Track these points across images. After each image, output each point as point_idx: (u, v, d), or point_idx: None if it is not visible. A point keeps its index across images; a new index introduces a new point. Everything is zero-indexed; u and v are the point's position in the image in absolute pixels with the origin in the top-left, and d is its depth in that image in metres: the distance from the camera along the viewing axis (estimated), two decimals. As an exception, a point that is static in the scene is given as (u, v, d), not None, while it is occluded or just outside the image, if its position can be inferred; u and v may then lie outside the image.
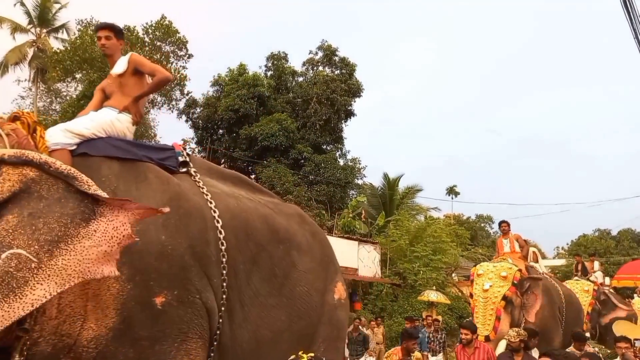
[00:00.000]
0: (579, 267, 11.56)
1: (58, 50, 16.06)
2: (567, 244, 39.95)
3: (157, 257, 2.65)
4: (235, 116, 22.56)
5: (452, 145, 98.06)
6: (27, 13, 20.89)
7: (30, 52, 21.23)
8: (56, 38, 21.86)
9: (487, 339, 6.40)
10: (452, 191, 42.43)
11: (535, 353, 5.72)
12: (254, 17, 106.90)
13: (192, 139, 24.86)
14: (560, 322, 7.71)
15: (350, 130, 35.07)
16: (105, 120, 2.97)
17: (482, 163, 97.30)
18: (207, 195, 3.01)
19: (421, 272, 16.91)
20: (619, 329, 10.14)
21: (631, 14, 6.69)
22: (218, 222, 2.94)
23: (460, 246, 20.66)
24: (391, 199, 23.33)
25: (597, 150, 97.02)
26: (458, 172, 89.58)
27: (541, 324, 6.93)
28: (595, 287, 10.05)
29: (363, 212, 20.97)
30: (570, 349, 6.14)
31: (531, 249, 9.26)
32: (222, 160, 24.92)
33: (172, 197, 2.82)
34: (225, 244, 2.92)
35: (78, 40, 14.99)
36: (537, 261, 9.06)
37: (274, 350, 3.18)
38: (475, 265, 8.37)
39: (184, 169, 3.11)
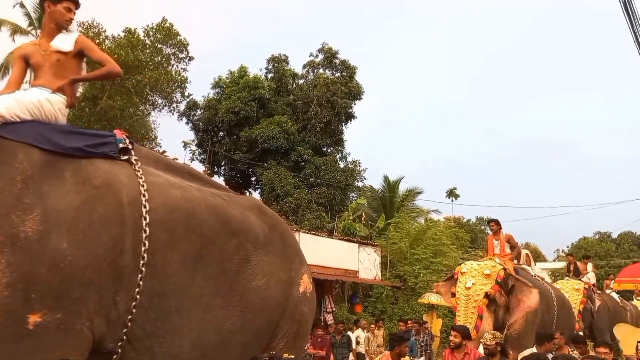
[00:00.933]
0: (571, 268, 11.55)
1: (59, 52, 16.05)
2: (568, 247, 39.92)
3: (50, 267, 2.25)
4: (236, 118, 22.58)
5: (452, 147, 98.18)
6: (27, 15, 20.89)
7: (31, 54, 21.23)
8: (57, 40, 21.88)
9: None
10: (452, 194, 42.48)
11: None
12: (255, 20, 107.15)
13: (193, 141, 24.92)
14: (552, 325, 7.55)
15: (350, 132, 35.08)
16: (32, 101, 2.63)
17: (482, 165, 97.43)
18: (143, 186, 2.65)
19: (421, 274, 16.90)
20: (620, 332, 10.09)
21: (631, 16, 6.70)
22: (145, 219, 2.56)
23: (461, 249, 20.65)
24: (391, 201, 23.35)
25: (598, 152, 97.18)
26: (458, 174, 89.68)
27: (522, 324, 6.74)
28: (586, 287, 9.96)
29: (363, 214, 20.96)
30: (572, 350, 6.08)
31: (524, 251, 9.15)
32: (223, 163, 24.94)
33: (86, 200, 2.46)
34: (148, 246, 2.53)
35: (79, 43, 15.03)
36: (529, 264, 8.94)
37: (224, 354, 2.90)
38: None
39: (125, 157, 2.76)
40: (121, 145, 2.78)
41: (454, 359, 5.42)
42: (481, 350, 5.76)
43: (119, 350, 2.48)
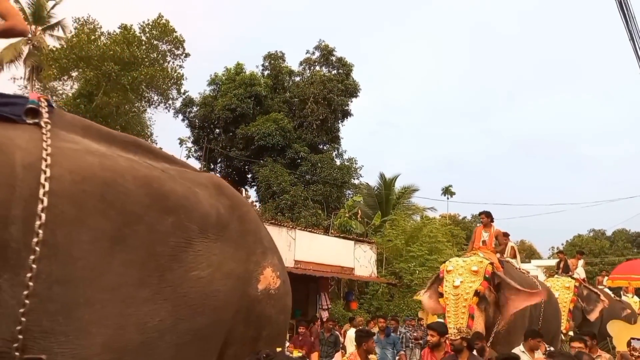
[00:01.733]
0: (561, 265, 11.33)
1: (54, 49, 15.99)
2: (562, 244, 40.14)
3: None
4: (232, 115, 22.56)
5: (448, 145, 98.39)
6: (22, 10, 20.78)
7: (26, 49, 21.11)
8: (52, 36, 21.77)
9: None
10: (447, 191, 42.58)
11: (538, 354, 5.50)
12: (251, 17, 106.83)
13: (189, 138, 24.89)
14: (538, 321, 7.29)
15: (346, 130, 35.07)
16: None
17: (478, 163, 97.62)
18: (46, 150, 2.19)
19: (417, 271, 16.97)
20: (614, 328, 10.14)
21: (627, 14, 6.72)
22: (43, 187, 2.08)
23: (456, 246, 20.74)
24: (387, 198, 23.40)
25: (593, 151, 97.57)
26: (454, 172, 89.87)
27: (510, 321, 6.53)
28: (577, 284, 9.63)
29: (359, 211, 21.01)
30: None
31: (510, 244, 8.98)
32: (219, 160, 24.92)
33: None
34: (45, 220, 2.05)
35: (74, 39, 14.93)
36: (515, 257, 8.74)
37: (148, 358, 2.34)
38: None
39: (33, 121, 2.35)
40: (30, 106, 2.36)
41: (434, 358, 5.12)
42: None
43: (17, 353, 1.97)
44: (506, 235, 9.21)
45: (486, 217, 7.82)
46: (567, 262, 11.37)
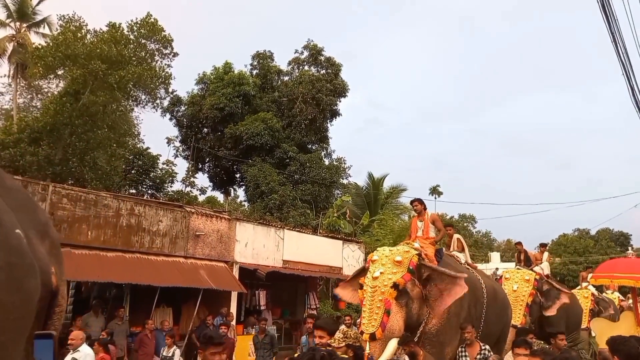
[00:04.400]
0: (522, 257, 10.46)
1: (40, 46, 15.78)
2: (548, 243, 40.69)
3: None
4: (220, 115, 22.47)
5: (435, 145, 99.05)
6: (6, 6, 20.47)
7: (10, 47, 20.80)
8: (37, 33, 21.47)
9: (372, 337, 5.02)
10: (435, 191, 43.02)
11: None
12: (240, 16, 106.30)
13: (177, 137, 24.73)
14: (480, 319, 6.52)
15: (335, 130, 35.19)
16: None
17: (465, 163, 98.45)
18: None
19: (405, 271, 17.05)
20: (597, 327, 10.29)
21: (609, 17, 6.85)
22: None
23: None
24: (376, 198, 23.51)
25: (577, 151, 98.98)
26: (441, 172, 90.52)
27: (443, 320, 5.80)
28: (537, 277, 8.87)
29: (348, 211, 21.08)
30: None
31: (456, 236, 8.44)
32: (207, 159, 24.80)
33: None
34: None
35: (61, 37, 14.74)
36: (462, 250, 8.24)
37: None
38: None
39: None
40: None
41: None
42: (392, 346, 5.04)
43: None
44: (449, 225, 8.94)
45: (419, 205, 7.03)
46: (528, 254, 10.59)
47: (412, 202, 7.27)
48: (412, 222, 7.28)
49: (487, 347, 5.90)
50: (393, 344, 5.11)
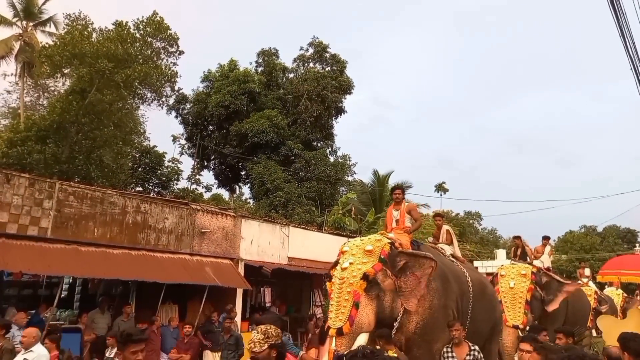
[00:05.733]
0: (518, 252, 9.88)
1: (46, 45, 15.87)
2: (554, 241, 40.50)
3: None
4: (226, 112, 22.51)
5: (441, 143, 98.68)
6: (12, 5, 20.58)
7: (17, 45, 20.92)
8: (43, 32, 21.58)
9: (339, 332, 4.71)
10: (441, 188, 42.81)
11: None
12: (245, 13, 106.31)
13: (182, 135, 24.82)
14: (466, 314, 6.00)
15: (340, 127, 35.17)
16: None
17: (471, 160, 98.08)
18: None
19: (410, 268, 16.99)
20: (604, 324, 10.23)
21: (617, 11, 6.77)
22: None
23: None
24: (381, 195, 23.46)
25: (584, 148, 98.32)
26: (447, 169, 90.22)
27: (426, 316, 5.26)
28: (534, 270, 8.27)
29: (353, 208, 21.06)
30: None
31: (445, 227, 7.98)
32: (212, 157, 24.87)
33: None
34: None
35: (68, 35, 14.82)
36: (451, 242, 7.73)
37: None
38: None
39: None
40: None
41: None
42: (361, 341, 4.57)
43: None
44: (439, 215, 8.54)
45: (401, 193, 6.63)
46: (525, 249, 9.96)
47: (393, 190, 6.77)
48: (387, 212, 6.76)
49: (477, 347, 5.43)
50: (362, 339, 4.72)
